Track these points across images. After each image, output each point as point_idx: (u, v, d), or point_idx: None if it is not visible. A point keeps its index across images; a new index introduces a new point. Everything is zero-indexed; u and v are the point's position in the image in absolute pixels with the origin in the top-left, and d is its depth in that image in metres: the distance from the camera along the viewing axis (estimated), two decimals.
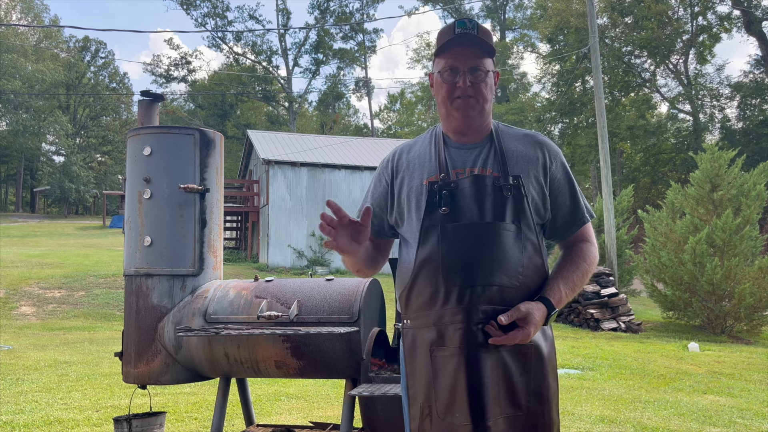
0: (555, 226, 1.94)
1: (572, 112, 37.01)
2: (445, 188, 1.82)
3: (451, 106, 1.86)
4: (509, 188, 1.80)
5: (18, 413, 5.14)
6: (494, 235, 1.77)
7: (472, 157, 1.88)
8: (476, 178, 1.82)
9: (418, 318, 1.83)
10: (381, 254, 2.05)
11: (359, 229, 1.73)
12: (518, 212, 1.80)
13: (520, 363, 1.76)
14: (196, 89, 51.86)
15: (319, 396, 6.10)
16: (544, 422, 1.77)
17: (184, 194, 3.45)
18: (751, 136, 32.93)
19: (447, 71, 1.84)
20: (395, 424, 3.16)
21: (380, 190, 1.98)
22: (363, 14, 48.30)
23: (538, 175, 1.87)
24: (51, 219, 42.99)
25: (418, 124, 56.75)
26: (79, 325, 12.17)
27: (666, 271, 13.07)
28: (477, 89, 1.83)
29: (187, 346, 3.36)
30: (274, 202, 21.91)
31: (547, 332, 1.86)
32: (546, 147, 1.92)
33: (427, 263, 1.80)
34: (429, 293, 1.80)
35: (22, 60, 47.77)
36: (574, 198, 1.94)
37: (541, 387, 1.78)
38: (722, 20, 35.66)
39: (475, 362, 1.73)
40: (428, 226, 1.82)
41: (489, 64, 1.86)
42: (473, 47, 1.83)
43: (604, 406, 5.85)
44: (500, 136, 1.91)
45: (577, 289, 1.89)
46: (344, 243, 1.73)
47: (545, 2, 39.40)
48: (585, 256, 1.93)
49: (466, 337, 1.74)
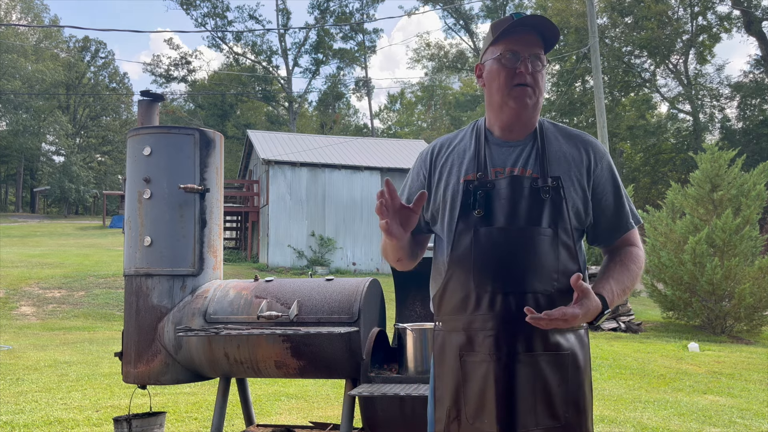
0: (598, 231, 1.85)
1: (572, 112, 37.01)
2: (481, 188, 1.75)
3: (508, 95, 1.76)
4: (548, 190, 1.73)
5: (18, 413, 5.14)
6: (529, 241, 1.71)
7: (513, 156, 1.80)
8: (513, 180, 1.74)
9: (449, 321, 1.79)
10: (419, 248, 1.98)
11: (409, 214, 1.67)
12: (556, 216, 1.72)
13: (558, 373, 1.70)
14: (196, 89, 51.86)
15: (319, 396, 6.10)
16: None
17: (184, 194, 3.45)
18: (751, 136, 32.93)
19: (508, 55, 1.75)
20: (395, 424, 3.16)
21: (417, 184, 1.92)
22: (363, 14, 48.31)
23: (581, 177, 1.78)
24: (51, 219, 42.99)
25: (418, 124, 56.78)
26: (79, 325, 12.17)
27: (666, 271, 13.07)
28: (535, 78, 1.76)
29: (187, 346, 3.36)
30: (274, 202, 21.91)
31: (584, 340, 1.78)
32: (592, 147, 1.84)
33: (459, 267, 1.75)
34: (460, 298, 1.75)
35: (22, 60, 47.77)
36: (619, 202, 1.84)
37: (578, 397, 1.72)
38: (722, 20, 35.66)
39: (507, 370, 1.68)
40: (462, 228, 1.76)
41: (545, 58, 1.79)
42: (534, 35, 1.75)
43: (604, 406, 5.85)
44: (545, 135, 1.83)
45: (628, 293, 1.79)
46: (395, 227, 1.66)
47: (545, 2, 39.38)
48: (634, 258, 1.82)
49: (497, 344, 1.69)
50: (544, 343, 1.70)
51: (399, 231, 1.68)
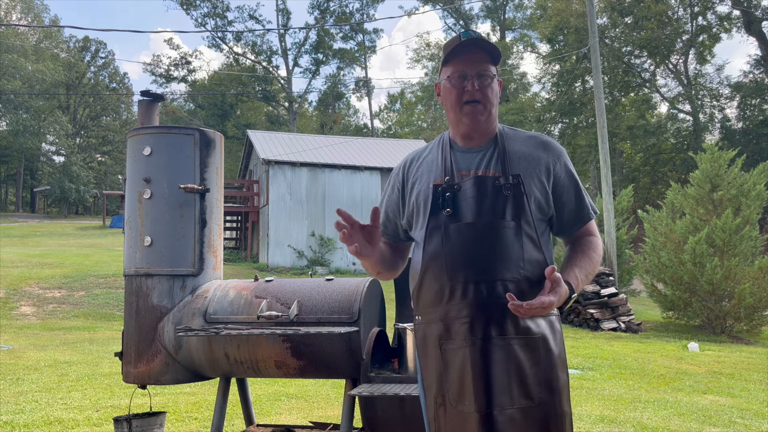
0: (561, 223, 2.01)
1: (572, 112, 36.99)
2: (449, 190, 1.91)
3: (460, 112, 1.94)
4: (509, 187, 1.87)
5: (18, 413, 5.15)
6: (494, 233, 1.85)
7: (476, 160, 1.96)
8: (478, 180, 1.90)
9: (427, 314, 1.92)
10: (400, 257, 2.17)
11: (371, 231, 1.86)
12: (518, 209, 1.86)
13: (530, 355, 1.82)
14: (196, 89, 51.85)
15: (319, 396, 6.10)
16: (555, 413, 1.82)
17: (184, 194, 3.46)
18: (751, 136, 32.93)
19: (455, 76, 1.93)
20: (395, 424, 3.16)
21: (393, 197, 2.11)
22: (363, 14, 48.30)
23: (541, 174, 1.93)
24: (51, 219, 42.99)
25: (418, 124, 56.76)
26: (79, 325, 12.17)
27: (666, 271, 13.07)
28: (484, 94, 1.93)
29: (187, 346, 3.36)
30: (274, 202, 21.91)
31: (555, 326, 1.90)
32: (549, 147, 2.00)
33: (433, 262, 1.89)
34: (435, 290, 1.88)
35: (22, 60, 47.76)
36: (579, 196, 2.01)
37: (551, 378, 1.83)
38: (722, 20, 35.66)
39: (482, 354, 1.80)
40: (433, 226, 1.91)
41: (494, 70, 1.96)
42: (479, 53, 1.93)
43: (604, 406, 5.85)
44: (505, 139, 1.99)
45: (590, 277, 1.95)
46: (365, 248, 1.86)
47: (545, 2, 39.38)
48: (594, 246, 2.00)
49: (472, 329, 1.82)
50: (516, 328, 1.82)
51: (367, 249, 1.87)
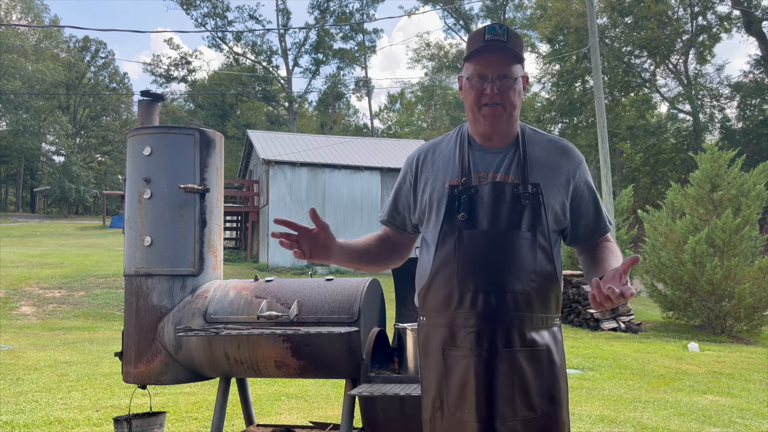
0: (576, 234, 1.98)
1: (572, 112, 37.01)
2: (466, 193, 1.85)
3: (478, 113, 1.87)
4: (528, 196, 1.83)
5: (18, 413, 5.15)
6: (509, 243, 1.81)
7: (495, 162, 1.90)
8: (496, 186, 1.84)
9: (433, 317, 1.89)
10: (395, 252, 2.11)
11: (318, 233, 1.83)
12: (535, 220, 1.83)
13: (534, 367, 1.80)
14: (196, 89, 51.85)
15: (319, 396, 6.10)
16: (556, 423, 1.82)
17: (184, 194, 3.45)
18: (751, 136, 32.93)
19: (475, 78, 1.85)
20: (395, 424, 3.16)
21: (404, 190, 2.04)
22: (363, 14, 48.31)
23: (560, 184, 1.90)
24: (51, 219, 42.99)
25: (418, 124, 56.76)
26: (79, 325, 12.17)
27: (666, 271, 13.07)
28: (505, 97, 1.84)
29: (187, 346, 3.36)
30: (274, 202, 21.92)
31: (558, 336, 1.89)
32: (570, 154, 1.95)
33: (444, 267, 1.85)
34: (444, 295, 1.85)
35: (22, 60, 47.75)
36: (597, 208, 1.98)
37: (553, 389, 1.82)
38: (722, 20, 35.67)
39: (487, 365, 1.78)
40: (446, 230, 1.85)
41: (518, 69, 1.86)
42: (502, 54, 1.83)
43: (604, 406, 5.85)
44: (526, 142, 1.93)
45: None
46: (316, 250, 1.83)
47: (545, 2, 39.38)
48: (615, 251, 1.96)
49: (479, 340, 1.79)
50: (522, 340, 1.80)
51: (322, 251, 1.85)
